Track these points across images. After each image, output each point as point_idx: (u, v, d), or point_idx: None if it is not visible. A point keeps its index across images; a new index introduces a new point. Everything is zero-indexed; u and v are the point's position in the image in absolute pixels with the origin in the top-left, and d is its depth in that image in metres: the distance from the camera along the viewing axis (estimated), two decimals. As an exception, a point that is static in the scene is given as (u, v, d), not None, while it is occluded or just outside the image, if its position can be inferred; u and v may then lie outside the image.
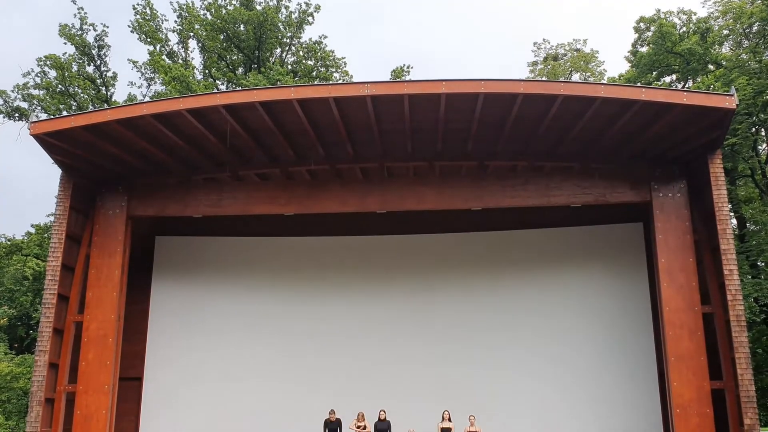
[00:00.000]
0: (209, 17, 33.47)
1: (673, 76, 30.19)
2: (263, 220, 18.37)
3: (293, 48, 35.66)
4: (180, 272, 19.10)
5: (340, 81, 33.34)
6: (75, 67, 31.88)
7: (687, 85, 28.96)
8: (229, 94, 15.37)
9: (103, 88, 32.78)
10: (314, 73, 33.85)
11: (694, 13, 29.94)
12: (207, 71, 34.67)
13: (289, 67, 34.60)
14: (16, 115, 31.74)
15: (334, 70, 34.52)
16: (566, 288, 18.19)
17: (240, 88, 28.16)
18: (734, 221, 27.25)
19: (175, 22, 33.97)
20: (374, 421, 15.57)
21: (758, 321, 24.43)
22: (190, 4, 33.53)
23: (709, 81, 25.90)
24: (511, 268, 18.58)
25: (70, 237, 15.99)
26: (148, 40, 33.17)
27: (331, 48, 34.48)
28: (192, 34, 34.21)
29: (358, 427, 15.61)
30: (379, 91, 13.86)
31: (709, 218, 15.00)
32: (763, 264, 25.56)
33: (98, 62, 32.57)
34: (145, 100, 30.99)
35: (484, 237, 18.80)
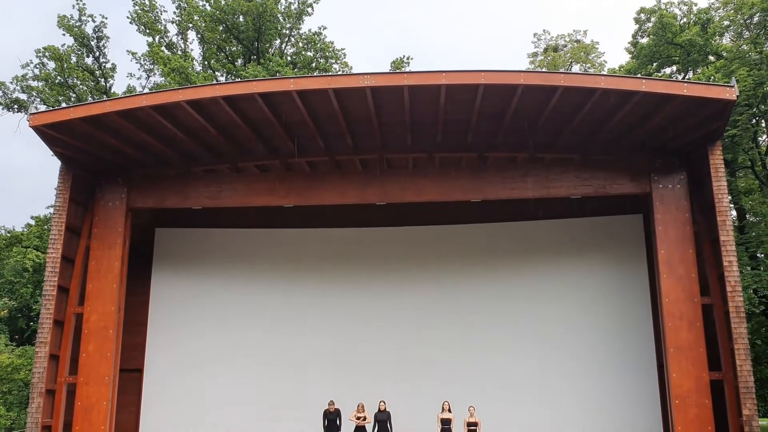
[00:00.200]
0: (208, 8, 33.30)
1: (674, 68, 30.05)
2: (263, 212, 18.36)
3: (293, 39, 35.52)
4: (180, 264, 19.13)
5: (339, 72, 33.24)
6: (74, 59, 31.79)
7: (687, 77, 28.84)
8: (228, 85, 15.35)
9: (102, 80, 32.70)
10: (314, 65, 33.72)
11: (695, 4, 29.82)
12: (206, 62, 34.56)
13: (289, 58, 34.46)
14: (15, 106, 31.67)
15: (334, 61, 34.38)
16: (566, 279, 18.25)
17: (239, 79, 28.05)
18: (734, 212, 27.22)
19: (174, 13, 33.82)
20: (374, 412, 15.60)
21: (757, 312, 24.45)
22: (189, -5, 33.39)
23: (710, 72, 25.80)
24: (511, 260, 18.63)
25: (70, 229, 15.99)
26: (147, 31, 33.05)
27: (330, 39, 34.43)
28: (191, 25, 34.08)
29: (358, 418, 15.65)
30: (378, 83, 13.82)
31: (708, 209, 14.99)
32: (762, 255, 25.60)
33: (97, 54, 32.46)
34: (144, 92, 30.91)
35: (483, 228, 18.83)
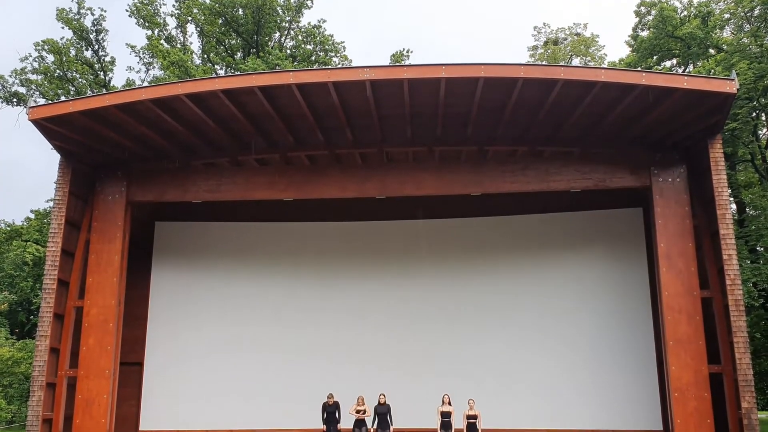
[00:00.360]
0: (207, 1, 33.23)
1: (674, 61, 29.98)
2: (262, 206, 18.36)
3: (292, 32, 35.45)
4: (180, 257, 19.15)
5: (339, 65, 33.17)
6: (73, 52, 31.76)
7: (688, 70, 28.76)
8: (227, 78, 15.26)
9: (102, 73, 32.66)
10: (313, 58, 33.68)
11: (695, -3, 29.75)
12: (205, 56, 34.51)
13: (288, 51, 34.40)
14: (14, 100, 31.67)
15: (334, 54, 34.32)
16: (566, 273, 18.27)
17: (239, 72, 28.02)
18: (734, 206, 27.20)
19: (174, 6, 33.79)
20: (374, 405, 15.64)
21: (757, 306, 24.49)
22: (189, -12, 33.30)
23: (710, 65, 25.73)
24: (511, 254, 18.64)
25: (70, 222, 15.98)
26: (147, 24, 33.01)
27: (330, 32, 34.34)
28: (190, 18, 34.02)
29: (358, 411, 15.68)
30: (378, 76, 13.77)
31: (708, 203, 14.99)
32: (762, 249, 25.59)
33: (96, 47, 32.42)
34: (143, 85, 30.81)
35: (483, 222, 18.85)
